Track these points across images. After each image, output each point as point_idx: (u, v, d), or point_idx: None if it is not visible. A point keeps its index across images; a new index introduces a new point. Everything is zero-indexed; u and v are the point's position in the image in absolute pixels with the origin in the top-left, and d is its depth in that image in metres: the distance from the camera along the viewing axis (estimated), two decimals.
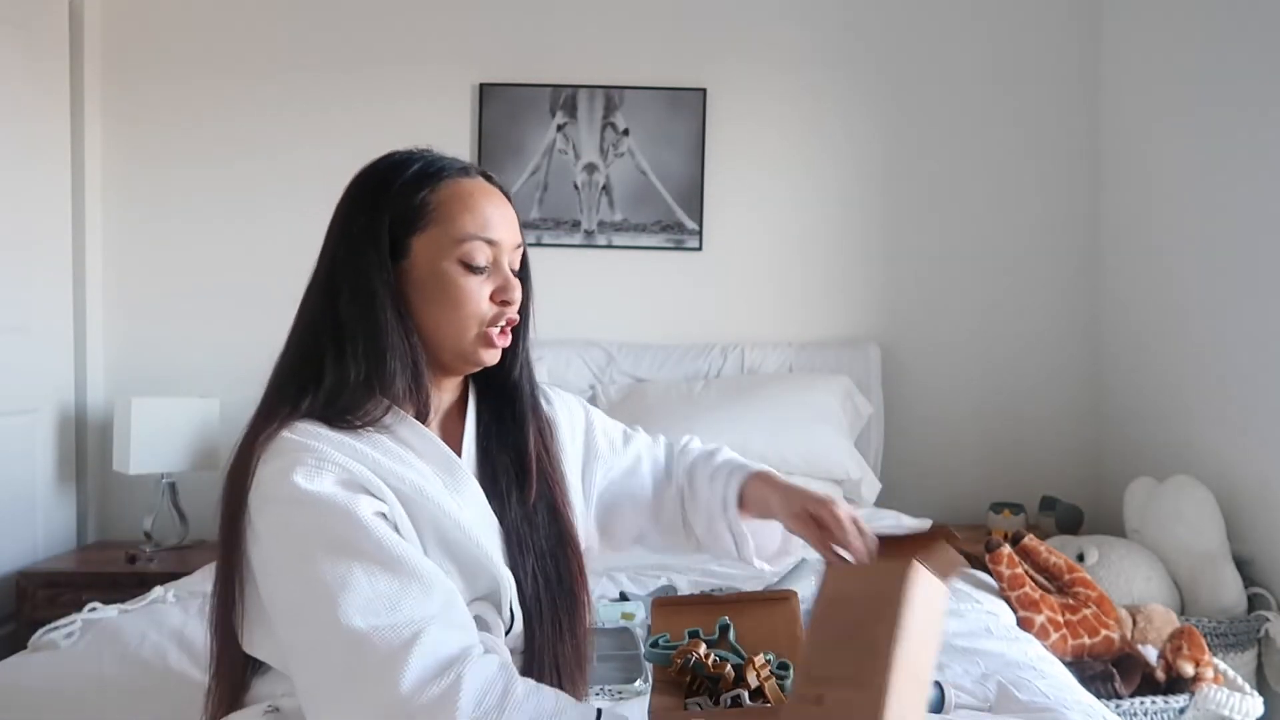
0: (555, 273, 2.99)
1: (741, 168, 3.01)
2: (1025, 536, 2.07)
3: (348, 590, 0.79)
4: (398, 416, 0.93)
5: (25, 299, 2.63)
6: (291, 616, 0.82)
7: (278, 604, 0.83)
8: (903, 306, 3.03)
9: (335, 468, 0.85)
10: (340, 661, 0.78)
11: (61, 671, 1.44)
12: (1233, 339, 2.37)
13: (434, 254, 0.94)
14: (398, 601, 0.79)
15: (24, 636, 1.75)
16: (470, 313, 0.94)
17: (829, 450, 2.62)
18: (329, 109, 2.92)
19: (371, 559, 0.81)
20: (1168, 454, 2.60)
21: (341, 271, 0.93)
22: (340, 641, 0.78)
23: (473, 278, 0.95)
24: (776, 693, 0.92)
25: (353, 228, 0.94)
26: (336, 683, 0.78)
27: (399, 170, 0.96)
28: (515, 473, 1.01)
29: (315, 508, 0.82)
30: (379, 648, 0.77)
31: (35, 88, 2.67)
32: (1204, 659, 1.84)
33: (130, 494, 2.85)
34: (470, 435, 1.01)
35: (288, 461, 0.84)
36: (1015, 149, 3.01)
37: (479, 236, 0.95)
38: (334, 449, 0.86)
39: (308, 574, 0.81)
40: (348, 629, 0.77)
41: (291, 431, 0.87)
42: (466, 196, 0.96)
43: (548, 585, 0.98)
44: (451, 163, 0.99)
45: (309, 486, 0.83)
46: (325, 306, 0.93)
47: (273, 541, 0.84)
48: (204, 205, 2.93)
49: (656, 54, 2.98)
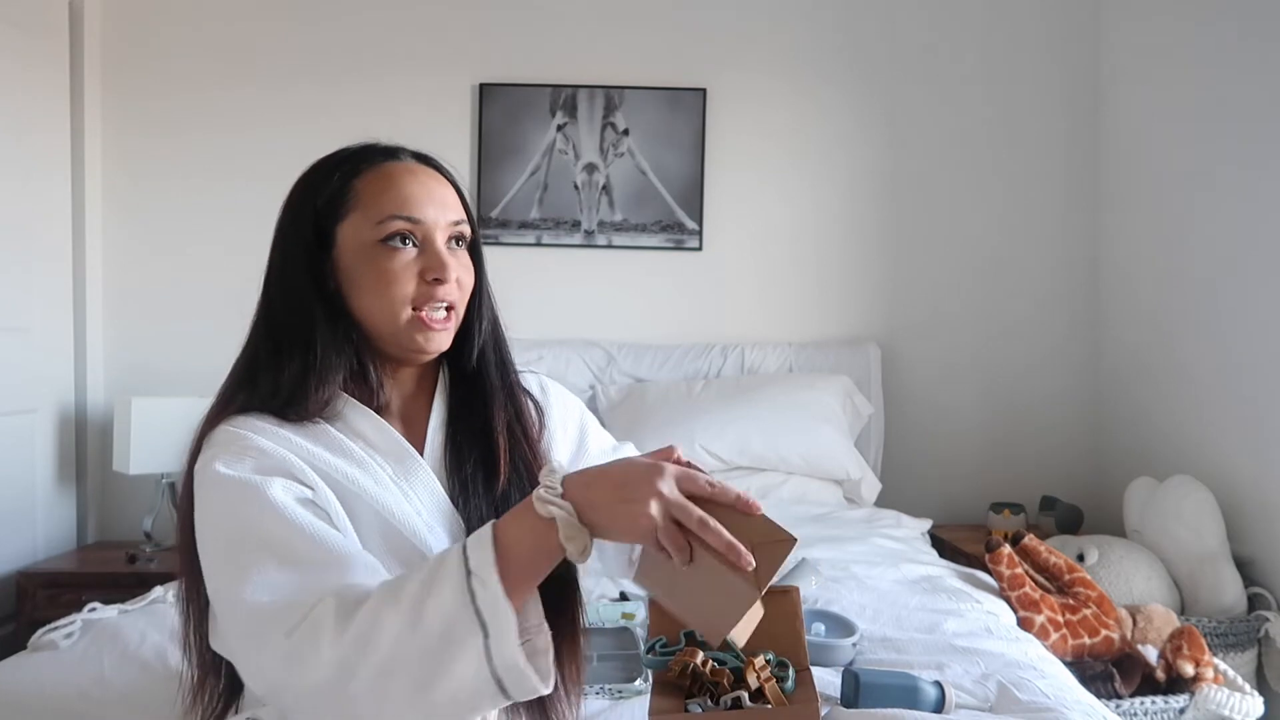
0: (555, 273, 2.99)
1: (741, 168, 3.01)
2: (1025, 536, 2.07)
3: (255, 571, 0.79)
4: (350, 405, 0.94)
5: (25, 299, 2.63)
6: (216, 597, 0.84)
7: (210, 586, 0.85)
8: (903, 306, 3.03)
9: (256, 453, 0.87)
10: (244, 635, 0.80)
11: (61, 671, 1.44)
12: (1233, 339, 2.37)
13: (357, 239, 0.94)
14: (304, 580, 0.79)
15: (24, 636, 1.75)
16: (397, 294, 0.93)
17: (829, 450, 2.62)
18: (329, 110, 2.93)
19: (281, 543, 0.81)
20: (1168, 454, 2.60)
21: (274, 271, 0.97)
22: (244, 617, 0.79)
23: (397, 258, 0.93)
24: (777, 694, 0.92)
25: (283, 227, 0.97)
26: (244, 654, 0.81)
27: (325, 164, 0.98)
28: (483, 461, 0.99)
29: (228, 492, 0.84)
30: (273, 613, 0.77)
31: (35, 88, 2.67)
32: (1204, 659, 1.84)
33: (130, 494, 2.85)
34: (436, 424, 1.00)
35: (214, 451, 0.87)
36: (1015, 149, 3.01)
37: (399, 215, 0.93)
38: (262, 438, 0.88)
39: (223, 557, 0.83)
40: (251, 605, 0.78)
41: (229, 424, 0.89)
42: (387, 178, 0.95)
43: None
44: (378, 149, 0.98)
45: (226, 471, 0.85)
46: (263, 307, 0.96)
47: (200, 529, 0.86)
48: (204, 205, 2.93)
49: (656, 54, 2.98)
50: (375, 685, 0.73)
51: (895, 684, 1.26)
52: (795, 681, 0.96)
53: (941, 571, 2.00)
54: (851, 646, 1.49)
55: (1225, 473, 2.36)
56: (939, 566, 2.06)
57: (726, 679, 0.94)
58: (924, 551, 2.25)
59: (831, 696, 1.30)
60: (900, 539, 2.28)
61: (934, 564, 2.09)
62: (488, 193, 2.96)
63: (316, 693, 0.75)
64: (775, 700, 0.91)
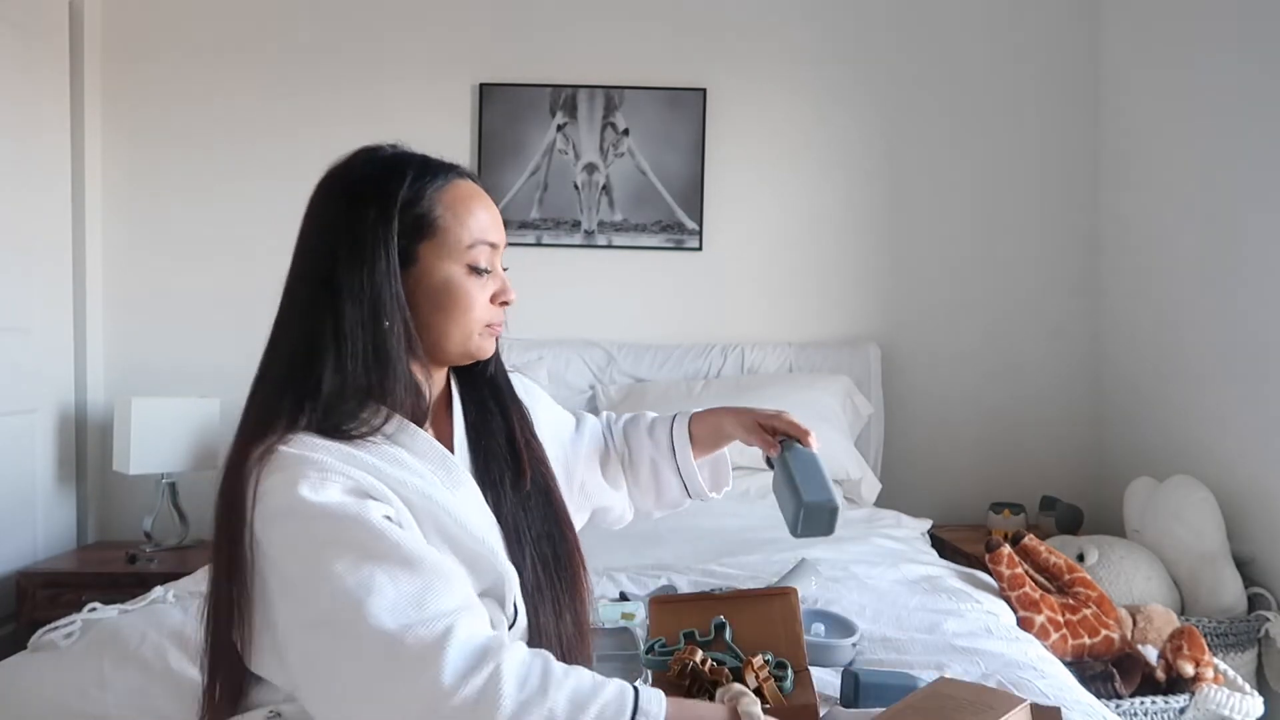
0: (555, 273, 2.99)
1: (741, 168, 3.01)
2: (1025, 536, 2.07)
3: (373, 594, 0.78)
4: (396, 423, 0.92)
5: (25, 299, 2.63)
6: (316, 628, 0.80)
7: (300, 619, 0.82)
8: (903, 306, 3.03)
9: (339, 477, 0.84)
10: (375, 664, 0.77)
11: (61, 671, 1.44)
12: (1233, 339, 2.37)
13: (442, 261, 0.94)
14: (423, 599, 0.79)
15: (24, 636, 1.75)
16: (476, 317, 0.96)
17: (829, 450, 2.61)
18: (330, 110, 2.93)
19: (391, 560, 0.81)
20: (1168, 454, 2.60)
21: (346, 278, 0.89)
22: (373, 644, 0.77)
23: (478, 284, 0.96)
24: (775, 694, 0.92)
25: (356, 231, 0.90)
26: (372, 685, 0.77)
27: (398, 172, 0.94)
28: (507, 460, 1.02)
29: (327, 519, 0.82)
30: (412, 646, 0.77)
31: (35, 88, 2.67)
32: (1204, 659, 1.84)
33: (130, 494, 2.85)
34: (460, 429, 1.02)
35: (290, 475, 0.83)
36: (1015, 149, 3.01)
37: (484, 241, 0.96)
38: (335, 459, 0.86)
39: (331, 585, 0.80)
40: (379, 631, 0.77)
41: (288, 445, 0.85)
42: (468, 200, 0.97)
43: (545, 568, 0.99)
44: (441, 164, 0.98)
45: (316, 498, 0.82)
46: (323, 313, 0.89)
47: (288, 558, 0.82)
48: (204, 205, 2.93)
49: (656, 54, 2.99)
50: None
51: (895, 684, 1.26)
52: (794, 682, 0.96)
53: (941, 571, 2.00)
54: (851, 646, 1.48)
55: (1225, 473, 2.35)
56: (939, 566, 2.06)
57: (725, 679, 0.94)
58: (924, 551, 2.25)
59: (831, 696, 1.30)
60: (900, 539, 2.28)
61: (934, 564, 2.09)
62: (488, 193, 2.96)
63: None
64: (773, 700, 0.92)
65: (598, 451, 1.24)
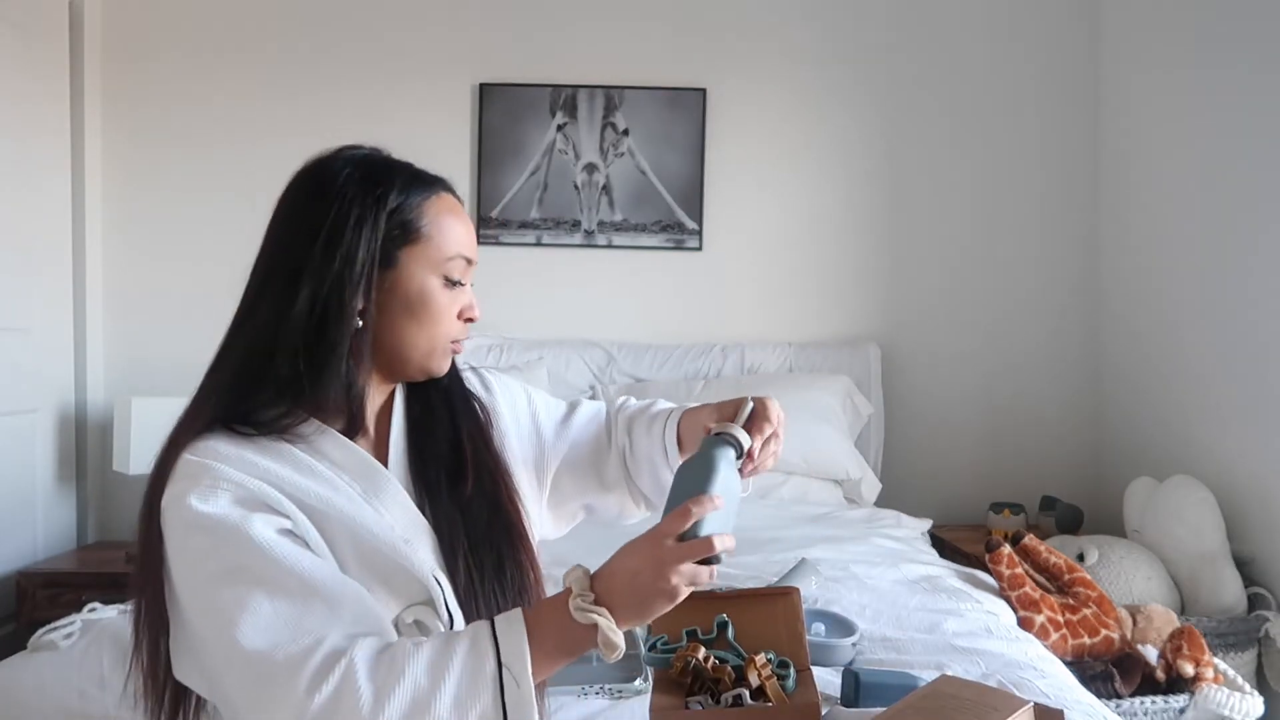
0: (555, 273, 2.99)
1: (741, 168, 3.01)
2: (1025, 536, 2.07)
3: (246, 612, 0.78)
4: (317, 429, 0.91)
5: (25, 299, 2.63)
6: (202, 641, 0.82)
7: (191, 629, 0.83)
8: (903, 306, 3.03)
9: (231, 486, 0.84)
10: (248, 683, 0.78)
11: (61, 671, 1.44)
12: (1232, 339, 2.37)
13: (421, 268, 0.93)
14: (299, 618, 0.79)
15: (24, 636, 1.75)
16: (443, 330, 0.95)
17: (829, 450, 2.62)
18: (330, 110, 2.93)
19: (269, 580, 0.80)
20: (1168, 454, 2.60)
21: (315, 273, 0.88)
22: (242, 663, 0.77)
23: (450, 297, 0.95)
24: (778, 692, 0.92)
25: (338, 231, 0.89)
26: (249, 702, 0.78)
27: (386, 178, 0.93)
28: (449, 464, 0.99)
29: (210, 532, 0.81)
30: (281, 663, 0.76)
31: (35, 88, 2.67)
32: (1204, 659, 1.84)
33: (130, 494, 2.84)
34: (398, 431, 0.99)
35: (185, 485, 0.83)
36: (1015, 150, 3.01)
37: (463, 255, 0.95)
38: (232, 467, 0.85)
39: (209, 599, 0.80)
40: (249, 650, 0.77)
41: (192, 452, 0.86)
42: (451, 212, 0.96)
43: (483, 573, 0.95)
44: (430, 176, 0.97)
45: (203, 509, 0.82)
46: (284, 305, 0.89)
47: (178, 567, 0.83)
48: (204, 205, 2.93)
49: (656, 54, 2.99)
50: None
51: (895, 684, 1.26)
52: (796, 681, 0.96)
53: (941, 571, 2.00)
54: (851, 646, 1.49)
55: (1225, 473, 2.36)
56: (939, 566, 2.06)
57: (727, 677, 0.94)
58: (924, 551, 2.25)
59: (831, 696, 1.30)
60: (900, 539, 2.28)
61: (934, 564, 2.09)
62: (488, 193, 2.96)
63: None
64: (776, 698, 0.92)
65: (592, 443, 1.16)
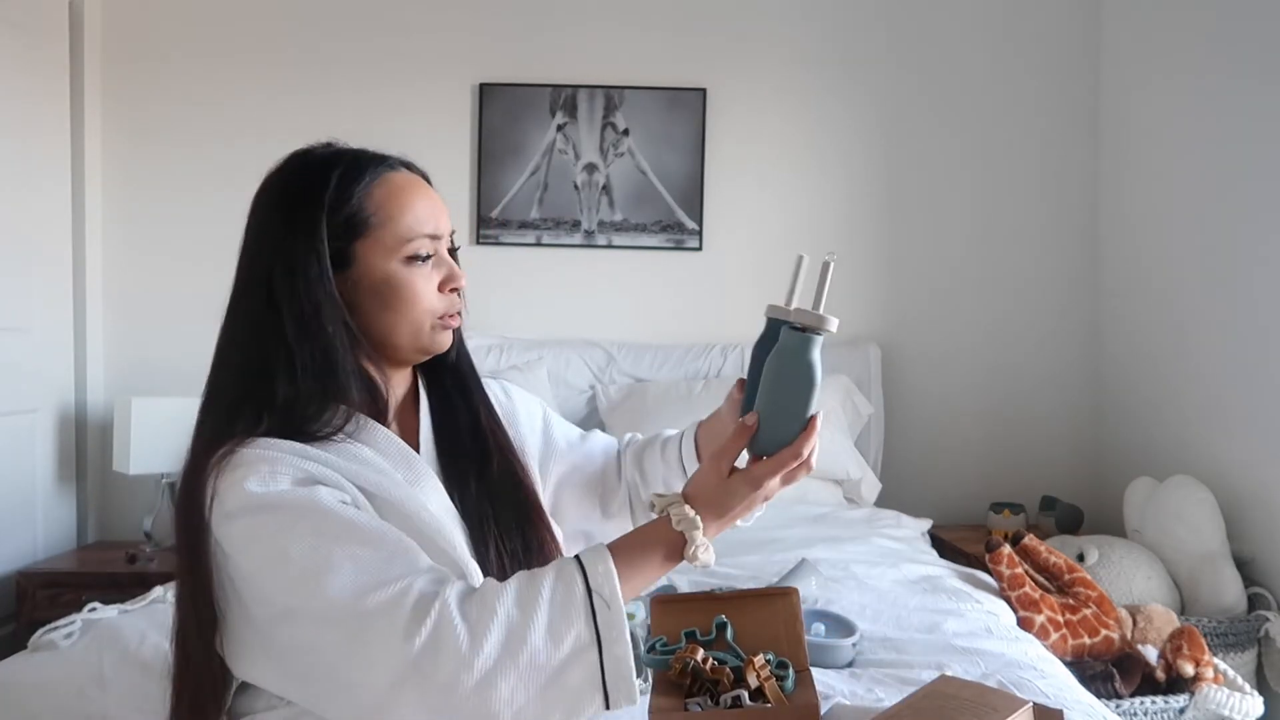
0: (555, 273, 2.99)
1: (741, 168, 3.01)
2: (1025, 536, 2.07)
3: (330, 571, 0.78)
4: (357, 421, 0.92)
5: (25, 299, 2.63)
6: (286, 618, 0.81)
7: (269, 613, 0.82)
8: (903, 307, 3.03)
9: (290, 469, 0.85)
10: (344, 636, 0.78)
11: (61, 671, 1.44)
12: (1232, 339, 2.37)
13: (379, 259, 0.93)
14: (384, 567, 0.79)
15: (24, 636, 1.75)
16: (424, 309, 0.95)
17: (829, 450, 2.62)
18: (330, 110, 2.93)
19: (346, 538, 0.81)
20: (1168, 454, 2.60)
21: (281, 289, 0.90)
22: (337, 618, 0.78)
23: (420, 275, 0.95)
24: (777, 693, 0.92)
25: (288, 241, 0.91)
26: (349, 658, 0.78)
27: (322, 176, 0.93)
28: (474, 451, 1.01)
29: (276, 509, 0.82)
30: (373, 609, 0.77)
31: (35, 88, 2.67)
32: (1204, 659, 1.84)
33: (130, 494, 2.85)
34: (426, 423, 1.02)
35: (241, 474, 0.83)
36: (1016, 150, 3.01)
37: (421, 234, 0.94)
38: (288, 454, 0.86)
39: (288, 572, 0.80)
40: (342, 603, 0.77)
41: (245, 446, 0.86)
42: (399, 193, 0.95)
43: (514, 560, 0.98)
44: (371, 157, 0.97)
45: (266, 489, 0.82)
46: (268, 323, 0.90)
47: (245, 553, 0.82)
48: (204, 205, 2.93)
49: (656, 54, 2.99)
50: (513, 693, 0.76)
51: None
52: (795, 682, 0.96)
53: (941, 571, 2.00)
54: (851, 647, 1.48)
55: (1225, 473, 2.36)
56: (939, 566, 2.06)
57: (726, 678, 0.94)
58: (924, 551, 2.25)
59: (832, 697, 1.30)
60: (900, 539, 2.28)
61: (934, 564, 2.09)
62: (488, 193, 2.96)
63: (450, 693, 0.75)
64: (775, 699, 0.91)
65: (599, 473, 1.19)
